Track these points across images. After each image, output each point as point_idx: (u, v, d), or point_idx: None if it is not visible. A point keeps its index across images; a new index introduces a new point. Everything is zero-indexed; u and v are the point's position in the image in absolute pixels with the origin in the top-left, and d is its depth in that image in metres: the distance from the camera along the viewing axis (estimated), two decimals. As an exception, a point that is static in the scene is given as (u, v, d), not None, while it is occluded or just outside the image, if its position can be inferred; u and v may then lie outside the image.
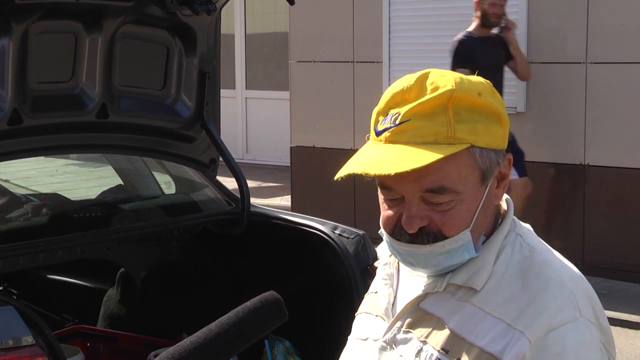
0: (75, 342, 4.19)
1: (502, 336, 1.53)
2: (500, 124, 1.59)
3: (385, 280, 1.72)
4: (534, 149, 8.28)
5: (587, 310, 1.58)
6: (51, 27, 3.56)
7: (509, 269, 1.59)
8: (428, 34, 8.78)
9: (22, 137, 3.61)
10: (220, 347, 1.51)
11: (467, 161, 1.55)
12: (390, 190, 1.57)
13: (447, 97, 1.53)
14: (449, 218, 1.56)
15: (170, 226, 4.20)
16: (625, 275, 7.82)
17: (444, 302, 1.61)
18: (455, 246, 1.57)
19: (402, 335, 1.64)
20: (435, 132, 1.52)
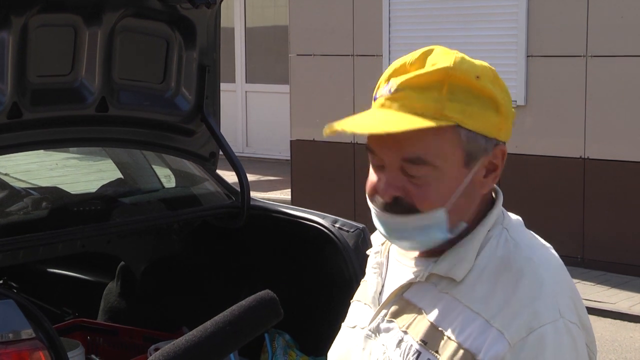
0: (76, 336, 4.20)
1: (480, 333, 1.51)
2: (498, 112, 1.57)
3: (374, 269, 1.72)
4: (534, 142, 8.28)
5: (568, 310, 1.55)
6: (51, 20, 3.56)
7: (491, 263, 1.57)
8: (428, 27, 8.78)
9: (22, 131, 3.61)
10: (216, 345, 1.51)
11: (450, 139, 1.54)
12: (374, 155, 1.58)
13: (443, 74, 1.53)
14: (423, 191, 1.54)
15: (170, 220, 4.20)
16: (624, 269, 7.82)
17: (426, 292, 1.60)
18: (428, 223, 1.55)
19: (385, 325, 1.64)
20: (425, 105, 1.52)
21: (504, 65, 8.37)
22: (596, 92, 7.90)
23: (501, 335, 1.50)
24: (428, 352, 1.55)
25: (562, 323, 1.52)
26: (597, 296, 7.30)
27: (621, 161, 7.84)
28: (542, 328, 1.50)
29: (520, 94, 8.29)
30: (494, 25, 8.42)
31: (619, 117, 7.82)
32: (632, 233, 7.81)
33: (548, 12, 8.11)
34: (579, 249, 8.09)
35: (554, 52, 8.11)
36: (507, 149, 1.64)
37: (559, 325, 1.51)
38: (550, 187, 8.23)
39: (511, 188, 8.44)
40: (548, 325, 1.50)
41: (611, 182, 7.90)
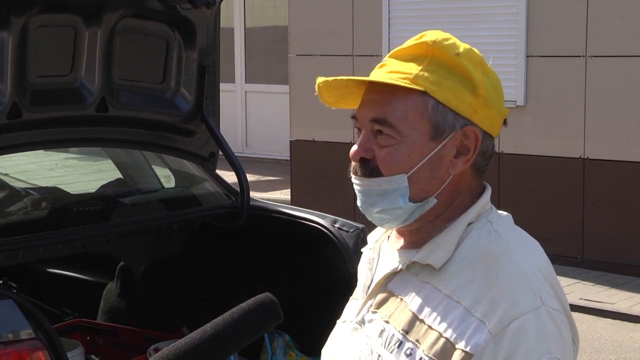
0: (75, 336, 4.20)
1: (460, 322, 1.52)
2: (474, 94, 1.60)
3: (367, 264, 1.75)
4: (534, 143, 8.29)
5: (550, 298, 1.55)
6: (50, 20, 3.56)
7: (472, 253, 1.58)
8: (428, 27, 8.71)
9: (22, 131, 3.61)
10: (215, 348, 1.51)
11: (417, 107, 1.59)
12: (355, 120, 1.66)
13: (425, 48, 1.61)
14: (386, 154, 1.59)
15: (170, 220, 4.20)
16: (624, 269, 7.83)
17: (408, 282, 1.62)
18: (390, 188, 1.59)
19: (369, 316, 1.66)
20: (402, 72, 1.60)
21: (504, 65, 8.37)
22: (596, 92, 7.90)
23: (482, 324, 1.50)
24: (409, 342, 1.56)
25: (544, 310, 1.52)
26: (596, 296, 7.30)
27: (621, 161, 7.84)
28: (524, 316, 1.50)
29: (520, 94, 8.29)
30: (494, 25, 8.43)
31: (618, 117, 7.82)
32: (632, 233, 7.81)
33: (548, 13, 8.12)
34: (579, 249, 8.09)
35: (554, 52, 8.11)
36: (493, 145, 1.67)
37: (541, 313, 1.51)
38: (550, 187, 8.23)
39: (511, 188, 8.44)
40: (529, 314, 1.50)
41: (611, 182, 7.90)
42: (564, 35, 8.03)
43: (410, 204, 1.60)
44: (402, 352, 1.56)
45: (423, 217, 1.62)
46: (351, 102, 1.70)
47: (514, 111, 8.38)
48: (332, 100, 1.70)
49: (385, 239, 1.76)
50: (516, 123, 8.38)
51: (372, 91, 1.63)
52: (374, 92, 1.63)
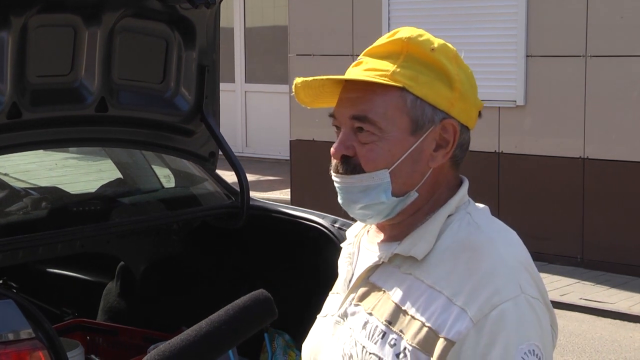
0: (75, 336, 4.20)
1: (442, 311, 1.55)
2: (450, 87, 1.63)
3: (347, 259, 1.78)
4: (533, 142, 8.29)
5: (530, 287, 1.58)
6: (50, 20, 3.56)
7: (453, 244, 1.61)
8: (427, 27, 8.71)
9: (21, 131, 3.61)
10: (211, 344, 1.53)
11: (396, 103, 1.61)
12: (333, 118, 1.68)
13: (400, 44, 1.63)
14: (367, 151, 1.61)
15: (170, 220, 4.20)
16: (624, 269, 7.83)
17: (390, 274, 1.65)
18: (372, 183, 1.62)
19: (352, 309, 1.68)
20: (379, 69, 1.62)
21: (504, 65, 8.37)
22: (595, 92, 7.90)
23: (464, 312, 1.53)
24: (393, 332, 1.59)
25: (524, 298, 1.55)
26: (596, 296, 7.30)
27: (620, 161, 7.84)
28: (504, 304, 1.53)
29: (519, 94, 8.29)
30: (494, 25, 8.43)
31: (618, 117, 7.82)
32: (632, 233, 7.81)
33: (547, 12, 8.12)
34: (579, 249, 8.09)
35: (554, 52, 8.11)
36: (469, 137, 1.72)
37: (520, 301, 1.54)
38: (550, 187, 8.23)
39: (511, 188, 8.44)
40: (509, 302, 1.53)
41: (611, 183, 7.90)
42: (564, 35, 8.03)
43: (392, 198, 1.63)
44: (386, 343, 1.59)
45: (405, 210, 1.65)
46: (327, 101, 1.72)
47: (513, 111, 8.38)
48: (308, 100, 1.72)
49: (364, 234, 1.79)
50: (516, 123, 8.38)
51: (350, 89, 1.65)
52: (353, 90, 1.65)
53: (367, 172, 1.62)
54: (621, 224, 7.88)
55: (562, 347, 6.37)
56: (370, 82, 1.61)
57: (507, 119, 8.41)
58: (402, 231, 1.67)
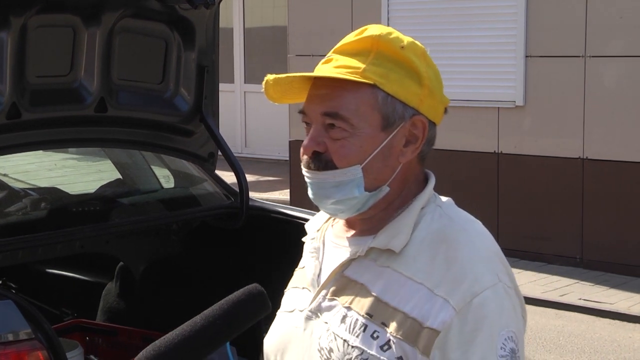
0: (75, 336, 4.20)
1: (424, 302, 1.59)
2: (419, 84, 1.66)
3: (312, 254, 1.80)
4: (533, 143, 8.29)
5: (504, 276, 1.64)
6: (50, 20, 3.56)
7: (428, 236, 1.65)
8: (426, 27, 8.78)
9: (21, 131, 3.61)
10: (206, 338, 1.54)
11: (368, 100, 1.64)
12: (303, 114, 1.71)
13: (370, 42, 1.66)
14: (339, 147, 1.64)
15: (169, 220, 4.20)
16: (623, 269, 7.83)
17: (367, 268, 1.67)
18: (345, 179, 1.64)
19: (326, 303, 1.70)
20: (350, 66, 1.64)
21: (503, 65, 8.37)
22: (595, 93, 7.90)
23: (446, 302, 1.57)
24: (374, 325, 1.61)
25: (501, 287, 1.61)
26: (596, 296, 7.30)
27: (620, 161, 7.84)
28: (484, 292, 1.58)
29: (519, 95, 8.29)
30: (493, 25, 8.43)
31: (617, 118, 7.82)
32: (631, 233, 7.81)
33: (547, 13, 8.12)
34: (578, 249, 8.09)
35: (553, 52, 8.11)
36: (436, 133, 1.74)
37: (498, 289, 1.60)
38: (549, 187, 8.23)
39: (510, 188, 8.45)
40: (488, 290, 1.59)
41: (610, 183, 7.90)
42: (563, 36, 8.03)
43: (365, 193, 1.66)
44: (368, 335, 1.61)
45: (376, 205, 1.68)
46: (295, 97, 1.75)
47: (513, 111, 8.38)
48: (277, 96, 1.75)
49: (327, 228, 1.82)
50: (515, 123, 8.38)
51: (321, 86, 1.67)
52: (324, 87, 1.67)
53: (339, 168, 1.64)
54: (620, 224, 7.88)
55: (562, 347, 6.38)
56: (341, 79, 1.63)
57: (506, 119, 8.41)
58: (374, 225, 1.69)
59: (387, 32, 1.68)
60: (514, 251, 8.40)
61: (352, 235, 1.73)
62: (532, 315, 7.06)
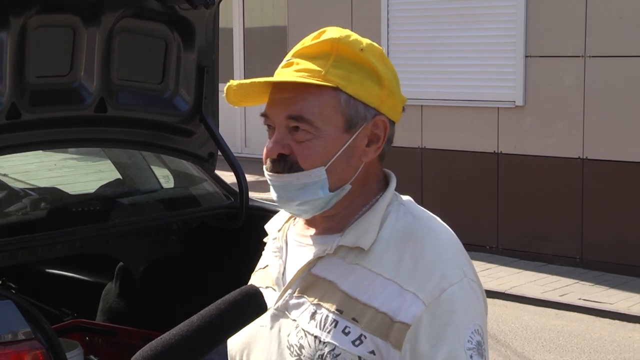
0: (74, 336, 4.20)
1: (395, 297, 1.63)
2: (380, 85, 1.70)
3: (275, 253, 1.85)
4: (532, 143, 8.29)
5: (469, 270, 1.69)
6: (49, 21, 3.56)
7: (395, 234, 1.69)
8: (426, 27, 8.78)
9: (21, 132, 3.61)
10: (203, 338, 1.55)
11: (331, 102, 1.67)
12: (267, 119, 1.74)
13: (330, 45, 1.68)
14: (304, 149, 1.67)
15: (169, 220, 4.20)
16: (623, 269, 7.83)
17: (335, 266, 1.70)
18: (310, 181, 1.67)
19: (294, 301, 1.73)
20: (311, 70, 1.67)
21: (503, 65, 8.37)
22: (595, 93, 7.90)
23: (416, 297, 1.62)
24: (345, 320, 1.65)
25: (467, 282, 1.66)
26: (595, 296, 7.30)
27: (620, 161, 7.84)
28: (452, 287, 1.63)
29: (518, 95, 8.29)
30: (493, 25, 8.43)
31: (617, 118, 7.82)
32: (631, 233, 7.81)
33: (547, 13, 8.12)
34: (578, 249, 8.10)
35: (553, 52, 8.11)
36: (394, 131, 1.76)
37: (464, 284, 1.66)
38: (549, 187, 8.23)
39: (510, 188, 8.44)
40: (456, 285, 1.64)
41: (610, 183, 7.90)
42: (563, 36, 8.03)
43: (329, 193, 1.69)
44: (340, 331, 1.65)
45: (339, 203, 1.71)
46: (254, 100, 1.80)
47: (512, 111, 8.38)
48: (236, 100, 1.79)
49: (289, 227, 1.85)
50: (515, 123, 8.38)
51: (283, 90, 1.70)
52: (286, 90, 1.70)
53: (304, 170, 1.67)
54: (620, 224, 7.88)
55: (561, 347, 6.38)
56: (305, 83, 1.66)
57: (506, 119, 8.41)
58: (338, 223, 1.73)
59: (345, 34, 1.71)
60: (514, 251, 8.40)
61: (315, 233, 1.76)
62: (532, 315, 7.06)
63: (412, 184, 8.66)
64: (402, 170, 9.37)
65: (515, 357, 6.21)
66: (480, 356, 1.64)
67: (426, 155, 8.83)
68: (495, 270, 8.06)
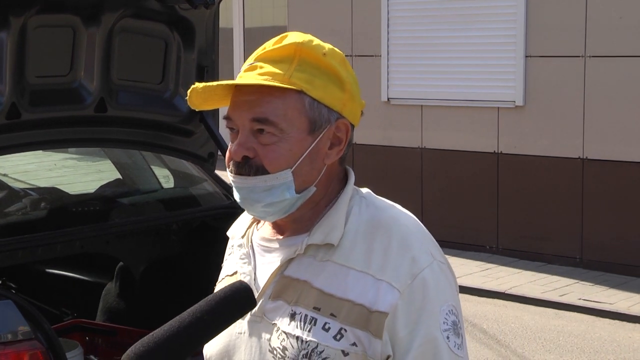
0: (74, 336, 4.20)
1: (369, 288, 1.67)
2: (342, 89, 1.72)
3: (243, 260, 1.84)
4: (532, 143, 8.29)
5: (436, 252, 1.73)
6: (49, 20, 3.56)
7: (360, 226, 1.73)
8: (426, 27, 8.78)
9: (21, 131, 3.61)
10: (193, 334, 1.58)
11: (295, 105, 1.69)
12: (230, 121, 1.74)
13: (293, 49, 1.72)
14: (269, 151, 1.69)
15: (169, 220, 4.20)
16: (623, 269, 7.83)
17: (307, 265, 1.73)
18: (276, 183, 1.69)
19: (271, 305, 1.74)
20: (275, 73, 1.69)
21: (503, 65, 8.37)
22: (595, 93, 7.90)
23: (390, 285, 1.66)
24: (324, 317, 1.68)
25: (437, 265, 1.71)
26: (595, 296, 7.30)
27: (620, 162, 7.84)
28: (422, 272, 1.68)
29: (518, 95, 8.29)
30: (493, 25, 8.43)
31: (617, 118, 7.82)
32: (631, 233, 7.82)
33: (547, 13, 8.12)
34: (578, 249, 8.10)
35: (553, 52, 8.11)
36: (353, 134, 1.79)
37: (434, 267, 1.70)
38: (549, 187, 8.23)
39: (510, 188, 8.45)
40: (426, 269, 1.69)
41: (610, 183, 7.90)
42: (563, 35, 8.03)
43: (295, 195, 1.71)
44: (320, 328, 1.67)
45: (304, 205, 1.74)
46: (216, 103, 1.79)
47: (512, 111, 8.38)
48: (198, 102, 1.77)
49: (252, 233, 1.87)
50: (515, 123, 8.39)
51: (248, 93, 1.72)
52: (250, 93, 1.71)
53: (271, 173, 1.69)
54: (620, 224, 7.88)
55: (561, 347, 6.38)
56: (268, 86, 1.68)
57: (506, 119, 8.41)
58: (304, 224, 1.75)
59: (308, 39, 1.73)
60: (514, 251, 8.40)
61: (284, 236, 1.78)
62: (532, 315, 7.06)
63: (412, 184, 8.66)
64: (402, 170, 9.40)
65: (515, 357, 6.21)
66: (457, 335, 1.69)
67: (426, 155, 8.83)
68: (495, 270, 8.06)
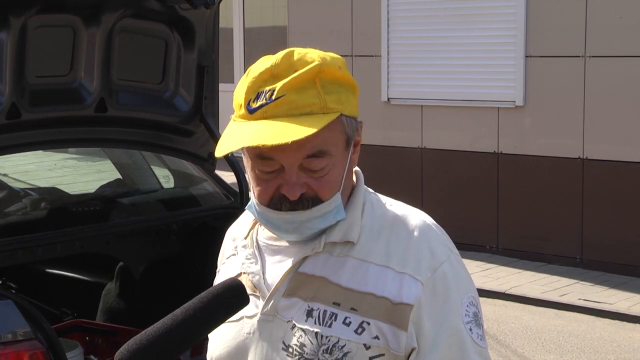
0: (74, 336, 4.20)
1: (391, 281, 1.68)
2: (355, 95, 1.73)
3: (249, 260, 1.82)
4: (532, 143, 8.29)
5: (452, 246, 1.76)
6: (49, 20, 3.56)
7: (375, 222, 1.74)
8: (426, 27, 8.78)
9: (21, 131, 3.61)
10: (187, 331, 1.58)
11: (338, 128, 1.68)
12: (269, 161, 1.66)
13: (316, 72, 1.66)
14: (325, 182, 1.68)
15: (169, 220, 4.20)
16: (623, 269, 7.83)
17: (324, 262, 1.72)
18: (330, 209, 1.69)
19: (284, 302, 1.73)
20: (310, 103, 1.64)
21: (503, 65, 8.37)
22: (595, 93, 7.90)
23: (413, 278, 1.68)
24: (344, 312, 1.68)
25: (454, 257, 1.74)
26: (596, 296, 7.30)
27: (620, 162, 7.84)
28: (442, 266, 1.70)
29: (519, 95, 8.29)
30: (493, 25, 8.43)
31: (617, 118, 7.82)
32: (631, 233, 7.81)
33: (547, 13, 8.12)
34: (578, 249, 8.10)
35: (553, 52, 8.11)
36: None
37: (452, 260, 1.73)
38: (549, 187, 8.23)
39: (510, 188, 8.45)
40: (445, 263, 1.71)
41: (610, 183, 7.90)
42: (563, 36, 8.03)
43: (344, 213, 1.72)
44: (340, 323, 1.67)
45: None
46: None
47: (513, 111, 8.38)
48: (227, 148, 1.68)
49: (256, 233, 1.85)
50: (515, 123, 8.38)
51: None
52: None
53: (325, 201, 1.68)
54: (620, 224, 7.88)
55: (562, 347, 6.38)
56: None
57: (506, 119, 8.41)
58: None
59: (321, 56, 1.69)
60: (514, 251, 8.40)
61: None
62: (532, 315, 7.06)
63: (412, 184, 8.66)
64: (402, 170, 9.40)
65: (515, 357, 6.21)
66: (478, 326, 1.71)
67: (426, 155, 8.83)
68: (495, 270, 8.06)
